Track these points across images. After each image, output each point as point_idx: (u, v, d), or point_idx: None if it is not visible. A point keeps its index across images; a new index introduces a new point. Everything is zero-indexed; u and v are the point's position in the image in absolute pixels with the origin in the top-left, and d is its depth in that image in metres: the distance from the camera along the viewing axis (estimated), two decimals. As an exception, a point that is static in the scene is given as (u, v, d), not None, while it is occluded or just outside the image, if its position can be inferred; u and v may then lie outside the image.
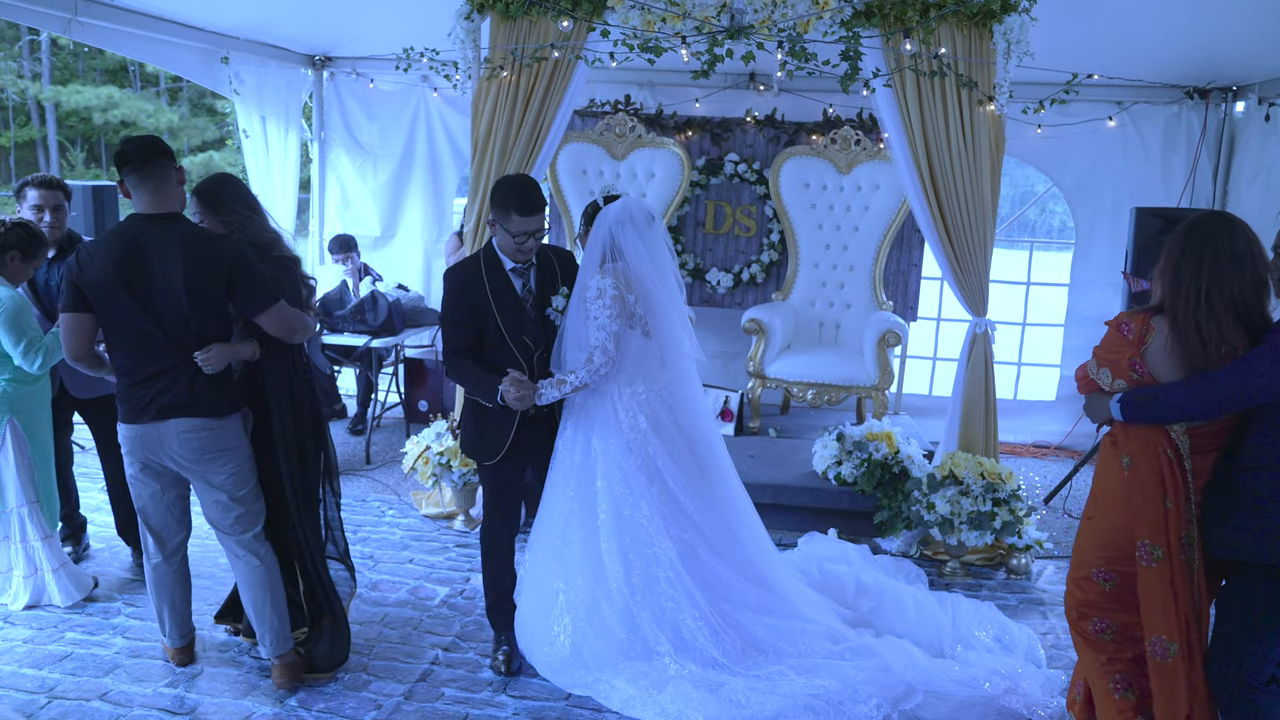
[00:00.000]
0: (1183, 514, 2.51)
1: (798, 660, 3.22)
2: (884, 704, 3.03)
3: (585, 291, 3.14)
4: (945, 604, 3.73)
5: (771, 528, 4.50)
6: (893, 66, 4.21)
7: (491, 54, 4.53)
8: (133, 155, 2.90)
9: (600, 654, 3.19)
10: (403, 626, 3.66)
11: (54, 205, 3.80)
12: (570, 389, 3.14)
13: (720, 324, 6.40)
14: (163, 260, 2.87)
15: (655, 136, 6.01)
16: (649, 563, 3.20)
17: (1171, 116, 6.07)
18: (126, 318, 2.90)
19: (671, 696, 3.06)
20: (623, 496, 3.20)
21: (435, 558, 4.31)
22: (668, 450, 3.23)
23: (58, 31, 4.55)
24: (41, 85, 27.01)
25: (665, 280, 3.25)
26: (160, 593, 3.23)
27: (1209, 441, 2.53)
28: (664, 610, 3.19)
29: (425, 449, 4.52)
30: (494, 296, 3.16)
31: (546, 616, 3.26)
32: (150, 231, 2.89)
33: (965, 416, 4.62)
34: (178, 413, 2.97)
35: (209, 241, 2.98)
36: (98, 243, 2.96)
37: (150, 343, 2.92)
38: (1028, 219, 12.53)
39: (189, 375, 2.96)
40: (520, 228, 3.09)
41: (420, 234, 6.99)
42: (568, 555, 3.25)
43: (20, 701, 3.08)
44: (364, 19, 5.88)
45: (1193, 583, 2.52)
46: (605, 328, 3.08)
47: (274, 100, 6.39)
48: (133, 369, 2.96)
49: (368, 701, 3.13)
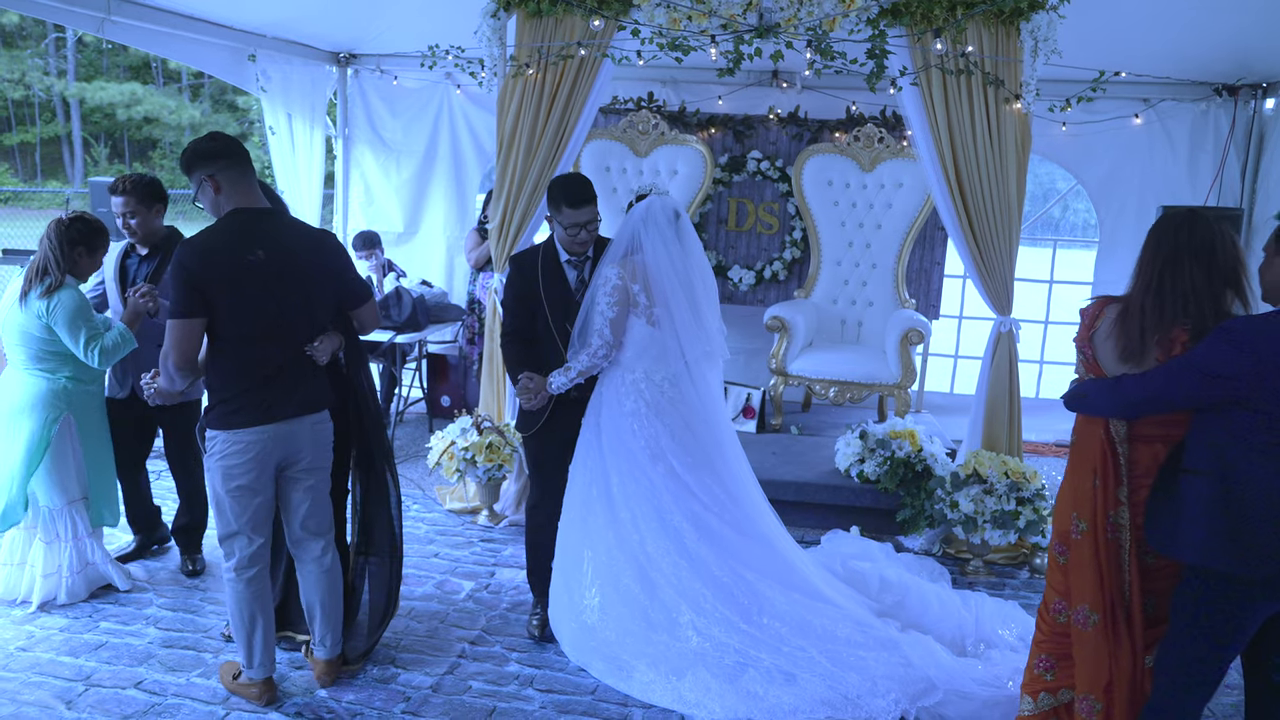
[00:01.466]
0: (1111, 494, 2.58)
1: (821, 639, 3.23)
2: (903, 699, 3.04)
3: (597, 279, 3.31)
4: (969, 602, 3.74)
5: (794, 525, 4.53)
6: (919, 65, 4.21)
7: (517, 52, 4.56)
8: (228, 151, 2.83)
9: (624, 620, 3.26)
10: (429, 620, 3.70)
11: (122, 210, 3.75)
12: (576, 374, 3.31)
13: (742, 321, 6.39)
14: (288, 252, 2.85)
15: (678, 134, 6.02)
16: (660, 532, 3.28)
17: (1199, 114, 6.04)
18: (255, 312, 2.82)
19: (690, 685, 3.10)
20: (628, 473, 3.32)
21: (460, 552, 4.35)
22: (669, 433, 3.34)
23: (91, 30, 4.61)
24: (67, 82, 27.34)
25: (685, 276, 3.32)
26: (256, 610, 3.03)
27: (1152, 431, 2.54)
28: (681, 578, 3.26)
29: (450, 444, 4.56)
30: (545, 286, 3.37)
31: (577, 583, 3.36)
32: (266, 225, 2.85)
33: (989, 415, 4.62)
34: (311, 407, 2.97)
35: (323, 234, 3.04)
36: (212, 240, 2.81)
37: (277, 336, 2.88)
38: (1051, 216, 12.44)
39: (310, 367, 2.95)
40: (570, 220, 3.28)
41: (443, 230, 7.03)
42: (591, 523, 3.36)
43: (60, 689, 3.13)
44: (388, 17, 5.92)
45: (1122, 562, 2.57)
46: (604, 314, 3.25)
47: (300, 97, 6.45)
48: (257, 366, 2.86)
49: (396, 694, 3.17)
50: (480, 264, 6.00)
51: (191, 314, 2.75)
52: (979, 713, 3.05)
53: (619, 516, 3.32)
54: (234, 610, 3.02)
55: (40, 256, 3.51)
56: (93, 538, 3.81)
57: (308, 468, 3.02)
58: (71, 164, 29.53)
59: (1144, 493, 2.54)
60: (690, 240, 3.38)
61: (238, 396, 2.86)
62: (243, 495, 2.92)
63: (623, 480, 3.33)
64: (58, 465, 3.67)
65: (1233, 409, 2.32)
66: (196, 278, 2.73)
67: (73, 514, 3.74)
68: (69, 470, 3.70)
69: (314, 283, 2.93)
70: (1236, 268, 2.45)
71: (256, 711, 3.05)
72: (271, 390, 2.87)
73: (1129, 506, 2.57)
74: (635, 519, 3.31)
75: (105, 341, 3.52)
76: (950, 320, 6.71)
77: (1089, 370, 2.66)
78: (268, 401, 2.87)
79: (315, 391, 2.99)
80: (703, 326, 3.36)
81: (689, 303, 3.31)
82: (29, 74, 25.97)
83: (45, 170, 29.57)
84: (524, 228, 4.65)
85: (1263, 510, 2.28)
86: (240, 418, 2.86)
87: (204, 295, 2.74)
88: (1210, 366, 2.30)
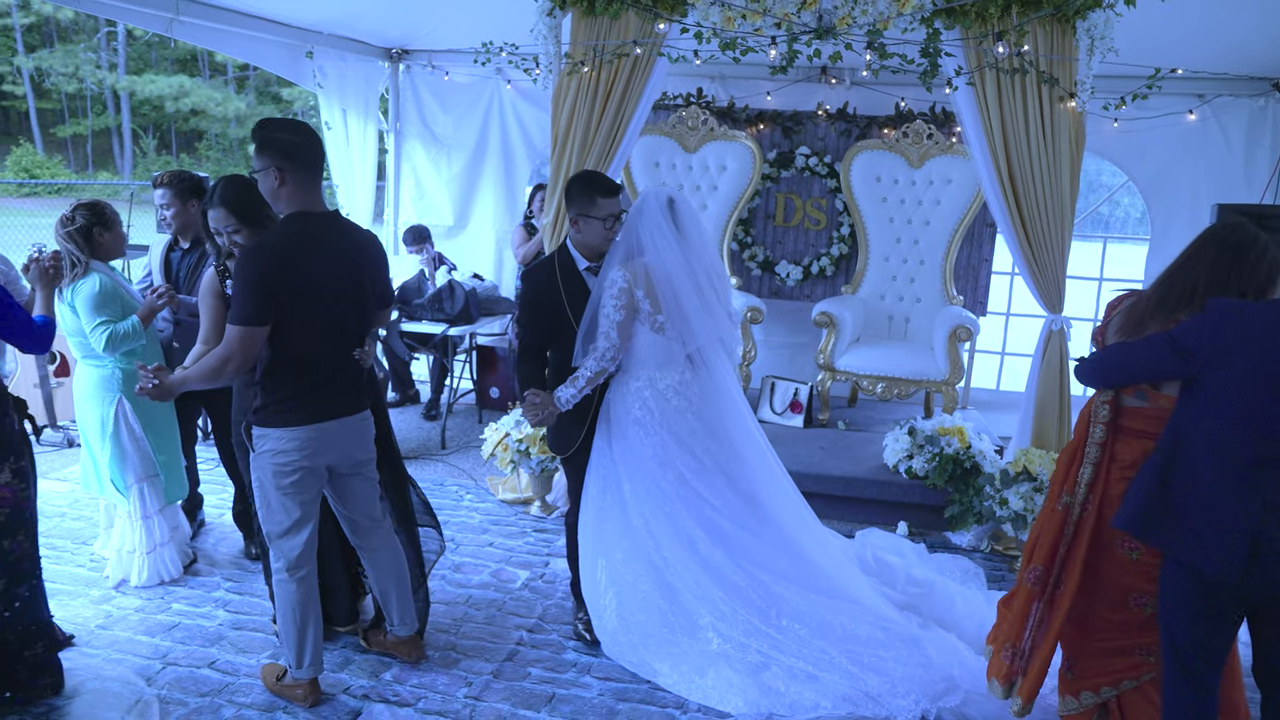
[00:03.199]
0: (1072, 477, 2.70)
1: (842, 639, 3.24)
2: (923, 699, 3.06)
3: (602, 281, 3.23)
4: (993, 600, 3.71)
5: (842, 520, 4.58)
6: (974, 65, 4.21)
7: (572, 49, 4.62)
8: (306, 151, 2.80)
9: (644, 625, 3.30)
10: (487, 608, 3.80)
11: (161, 204, 4.01)
12: (585, 383, 3.21)
13: (789, 316, 6.44)
14: (347, 258, 2.90)
15: (727, 129, 6.05)
16: (673, 538, 3.29)
17: (1257, 110, 5.96)
18: (318, 317, 2.85)
19: (713, 681, 3.16)
20: (639, 480, 3.31)
21: (514, 542, 4.45)
22: (676, 439, 3.31)
23: (160, 30, 4.76)
24: (118, 75, 27.90)
25: (689, 270, 3.22)
26: (308, 610, 3.04)
27: (1142, 426, 2.57)
28: (698, 582, 3.27)
29: (505, 436, 4.65)
30: (568, 299, 3.28)
31: (594, 588, 3.41)
32: (329, 229, 2.88)
33: (1039, 413, 4.63)
34: (357, 406, 3.03)
35: (370, 236, 3.07)
36: (282, 245, 2.80)
37: (336, 338, 2.94)
38: (1100, 214, 12.29)
39: (355, 367, 3.02)
40: (607, 210, 3.22)
41: (492, 223, 7.13)
42: (606, 531, 3.38)
43: (139, 665, 3.28)
44: (441, 13, 6.02)
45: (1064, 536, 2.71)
46: (609, 317, 3.17)
47: (354, 93, 6.58)
48: (314, 368, 2.89)
49: (458, 679, 3.27)
50: (527, 259, 6.09)
51: (262, 321, 2.74)
52: (1001, 712, 3.03)
53: (632, 524, 3.33)
54: (285, 611, 3.02)
55: (63, 254, 3.64)
56: (161, 515, 3.96)
57: (360, 461, 3.09)
58: (121, 155, 30.16)
59: (1123, 486, 2.58)
60: (688, 225, 3.25)
61: (293, 397, 2.87)
62: (293, 493, 2.93)
63: (634, 487, 3.33)
64: (119, 448, 3.84)
65: (1195, 389, 2.34)
66: (270, 282, 2.73)
67: (142, 491, 3.90)
68: (130, 452, 3.86)
69: (367, 287, 2.99)
70: (1266, 282, 2.40)
71: (323, 696, 3.17)
72: (324, 391, 2.92)
73: (1099, 497, 2.63)
74: (649, 525, 3.31)
75: (116, 329, 3.65)
76: (997, 317, 6.70)
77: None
78: (320, 401, 2.91)
79: (360, 391, 3.06)
80: (712, 314, 3.29)
81: (697, 294, 3.23)
82: (82, 68, 26.54)
83: (96, 162, 30.20)
84: (578, 223, 4.72)
85: (1193, 496, 2.32)
86: (294, 416, 2.87)
87: (275, 301, 2.74)
88: (1178, 339, 2.34)
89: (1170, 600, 2.46)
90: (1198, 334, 2.30)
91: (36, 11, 25.47)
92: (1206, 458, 2.31)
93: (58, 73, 26.50)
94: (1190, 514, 2.33)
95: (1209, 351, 2.28)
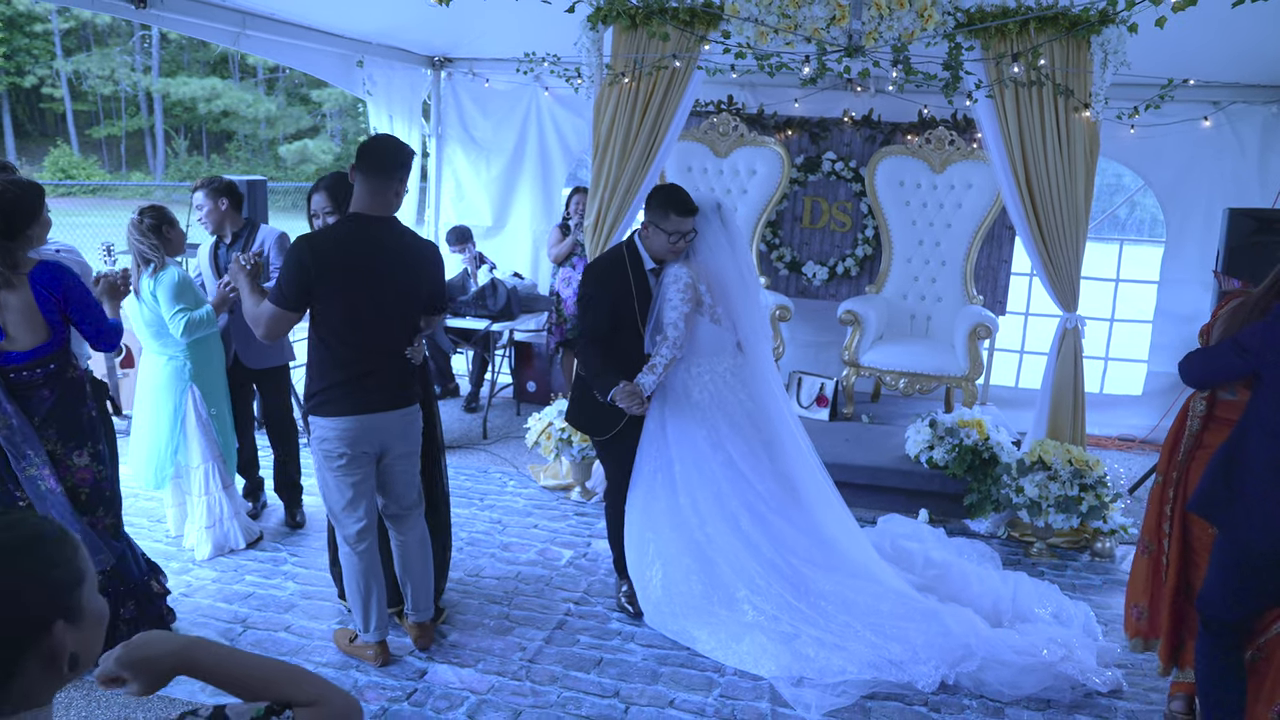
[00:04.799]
0: (1173, 461, 3.18)
1: (866, 614, 3.52)
2: (942, 665, 3.33)
3: (665, 277, 3.56)
4: (1008, 579, 3.95)
5: (866, 507, 4.84)
6: (994, 78, 4.46)
7: (614, 61, 4.90)
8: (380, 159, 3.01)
9: (685, 596, 3.59)
10: (535, 583, 4.09)
11: (196, 205, 4.37)
12: (661, 368, 3.53)
13: (815, 315, 6.70)
14: (394, 259, 3.07)
15: (756, 135, 6.32)
16: (718, 516, 3.60)
17: (1271, 116, 6.14)
18: (359, 311, 3.03)
19: (748, 647, 3.45)
20: (690, 461, 3.63)
21: (558, 524, 4.74)
22: (729, 422, 3.64)
23: (228, 44, 5.10)
24: (151, 77, 28.48)
25: (737, 266, 3.60)
26: (370, 579, 3.29)
27: (1229, 415, 2.89)
28: (738, 557, 3.58)
29: (548, 425, 4.95)
30: (636, 292, 3.58)
31: (642, 564, 3.71)
32: (379, 231, 3.06)
33: (1054, 408, 4.86)
34: (402, 402, 3.20)
35: (427, 244, 3.27)
36: (328, 239, 3.05)
37: (377, 337, 3.10)
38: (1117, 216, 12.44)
39: (400, 365, 3.20)
40: (676, 227, 3.48)
41: (530, 224, 7.43)
42: (654, 509, 3.68)
43: (221, 628, 3.60)
44: (482, 24, 6.30)
45: (1162, 513, 3.26)
46: (677, 308, 3.50)
47: (400, 99, 6.89)
48: (351, 362, 3.06)
49: (513, 644, 3.57)
50: (561, 259, 6.38)
51: (294, 308, 3.00)
52: (1015, 679, 3.29)
53: (680, 502, 3.63)
54: (351, 580, 3.30)
55: (135, 252, 3.99)
56: (225, 492, 4.28)
57: (401, 453, 3.29)
58: (154, 156, 30.76)
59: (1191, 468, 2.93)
60: (734, 226, 3.63)
61: (334, 388, 3.08)
62: (343, 474, 3.16)
63: (685, 468, 3.63)
64: (189, 432, 4.19)
65: (1258, 384, 2.57)
66: (309, 273, 2.95)
67: (208, 472, 4.23)
68: (199, 435, 4.19)
69: (413, 290, 3.15)
70: None
71: (392, 657, 3.46)
72: (364, 385, 3.09)
73: (1188, 480, 2.99)
74: (695, 503, 3.61)
75: (192, 316, 3.99)
76: (1016, 316, 6.92)
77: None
78: (360, 395, 3.09)
79: (406, 388, 3.22)
80: (756, 306, 3.66)
81: (743, 288, 3.61)
82: (117, 70, 27.12)
83: (129, 162, 30.80)
84: (618, 224, 5.00)
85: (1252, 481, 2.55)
86: (336, 407, 3.09)
87: (310, 293, 2.97)
88: (1240, 338, 2.57)
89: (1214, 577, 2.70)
90: (1258, 333, 2.53)
91: (75, 16, 26.04)
92: (1265, 447, 2.53)
93: (94, 75, 27.09)
94: (1249, 497, 2.55)
95: (1265, 348, 2.50)
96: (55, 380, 3.05)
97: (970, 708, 3.23)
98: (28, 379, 2.98)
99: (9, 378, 2.96)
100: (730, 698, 3.26)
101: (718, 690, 3.30)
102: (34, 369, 2.98)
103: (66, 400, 3.08)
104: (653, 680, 3.36)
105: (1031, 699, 3.27)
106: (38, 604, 1.17)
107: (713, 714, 3.16)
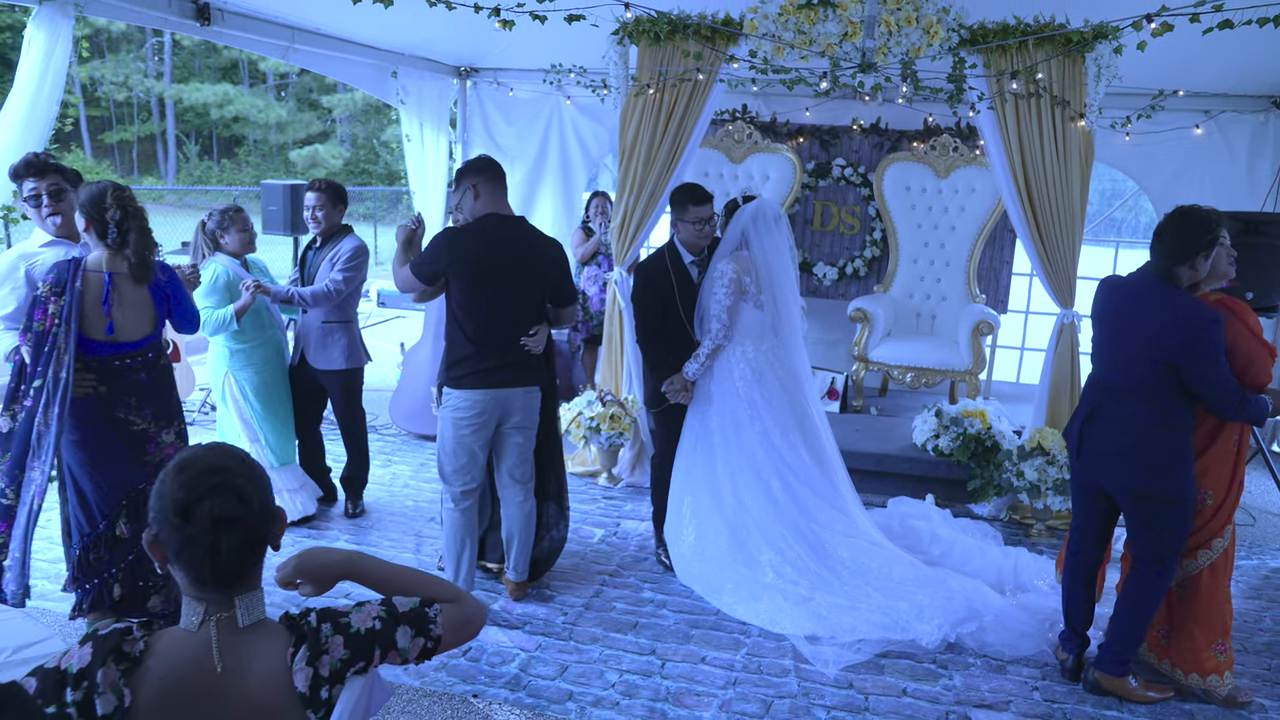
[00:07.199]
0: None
1: (879, 579, 3.87)
2: (944, 624, 3.67)
3: (713, 273, 3.96)
4: (1009, 554, 4.32)
5: (874, 492, 5.17)
6: (995, 92, 4.79)
7: (639, 74, 5.23)
8: (489, 170, 3.55)
9: (715, 554, 3.98)
10: (571, 558, 4.41)
11: (313, 205, 4.57)
12: (705, 357, 3.98)
13: (825, 313, 7.02)
14: (521, 252, 3.51)
15: (770, 142, 6.65)
16: (752, 482, 3.99)
17: (1258, 125, 6.46)
18: (491, 296, 3.46)
19: (766, 605, 3.81)
20: (730, 431, 4.02)
21: (588, 507, 5.07)
22: (766, 398, 4.02)
23: (278, 57, 5.44)
24: (164, 83, 28.85)
25: (785, 267, 4.01)
26: (466, 535, 3.74)
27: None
28: (765, 522, 3.95)
29: (578, 415, 5.27)
30: (678, 286, 3.98)
31: (678, 521, 4.12)
32: (509, 227, 3.53)
33: (1052, 399, 5.18)
34: (526, 380, 3.62)
35: (551, 241, 3.68)
36: (467, 231, 3.52)
37: (500, 320, 3.51)
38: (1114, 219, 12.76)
39: (523, 349, 3.58)
40: (697, 215, 3.93)
41: (552, 226, 7.73)
42: (694, 474, 4.09)
43: (286, 598, 3.91)
44: (508, 36, 6.61)
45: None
46: (720, 302, 3.92)
47: (430, 108, 7.22)
48: (480, 340, 3.49)
49: (555, 609, 3.90)
50: (586, 258, 6.70)
51: (423, 277, 3.52)
52: (1016, 642, 3.65)
53: (717, 469, 4.03)
54: (448, 534, 3.75)
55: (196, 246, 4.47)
56: (275, 472, 4.56)
57: (517, 425, 3.69)
58: (165, 160, 31.12)
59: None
60: (787, 232, 4.05)
61: (464, 362, 3.53)
62: (466, 439, 3.60)
63: (724, 438, 4.03)
64: (225, 416, 4.56)
65: None
66: (444, 256, 3.45)
67: None
68: (233, 420, 4.52)
69: (536, 280, 3.59)
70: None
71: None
72: (489, 362, 3.51)
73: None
74: (731, 471, 4.01)
75: (212, 315, 4.31)
76: (1017, 314, 7.24)
77: None
78: (487, 371, 3.52)
79: (527, 369, 3.63)
80: (796, 298, 4.07)
81: (787, 277, 4.00)
82: (131, 77, 27.50)
83: (141, 167, 31.18)
84: (643, 226, 5.33)
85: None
86: (466, 381, 3.55)
87: (443, 273, 3.46)
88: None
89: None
90: None
91: (90, 23, 26.41)
92: None
93: (108, 81, 27.46)
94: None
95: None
96: (151, 367, 3.37)
97: (974, 665, 3.55)
98: (129, 366, 3.30)
99: (113, 365, 3.27)
100: (756, 655, 3.59)
101: (745, 649, 3.63)
102: (136, 358, 3.30)
103: (161, 384, 3.40)
104: (685, 641, 3.68)
105: (1029, 659, 3.60)
106: (272, 500, 1.54)
107: (741, 669, 3.49)
